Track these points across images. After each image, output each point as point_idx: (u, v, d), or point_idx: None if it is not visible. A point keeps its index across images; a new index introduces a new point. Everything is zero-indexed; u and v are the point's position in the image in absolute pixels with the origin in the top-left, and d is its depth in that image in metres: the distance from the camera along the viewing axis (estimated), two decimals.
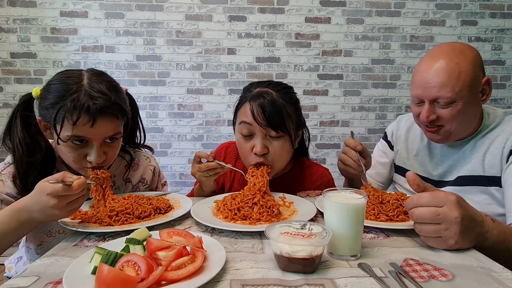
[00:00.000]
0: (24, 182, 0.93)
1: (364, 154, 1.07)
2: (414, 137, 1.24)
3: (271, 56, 2.69)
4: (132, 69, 2.63)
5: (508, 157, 0.98)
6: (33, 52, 2.55)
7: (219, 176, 1.22)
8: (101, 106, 0.88)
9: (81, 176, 0.77)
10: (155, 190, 1.26)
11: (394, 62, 2.74)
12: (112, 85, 0.96)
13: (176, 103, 2.68)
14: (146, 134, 1.24)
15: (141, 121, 1.17)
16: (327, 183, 1.23)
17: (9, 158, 0.97)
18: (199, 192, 1.17)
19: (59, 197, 0.74)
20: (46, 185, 0.74)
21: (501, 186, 0.99)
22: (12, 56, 2.55)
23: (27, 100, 0.96)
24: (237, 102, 1.14)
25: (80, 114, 0.86)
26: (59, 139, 0.89)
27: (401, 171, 1.26)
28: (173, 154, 2.73)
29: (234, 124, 1.17)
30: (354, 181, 1.21)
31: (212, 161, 1.06)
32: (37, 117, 0.95)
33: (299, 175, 1.25)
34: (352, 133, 1.15)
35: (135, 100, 1.13)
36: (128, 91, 1.07)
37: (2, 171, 0.95)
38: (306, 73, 2.72)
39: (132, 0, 2.56)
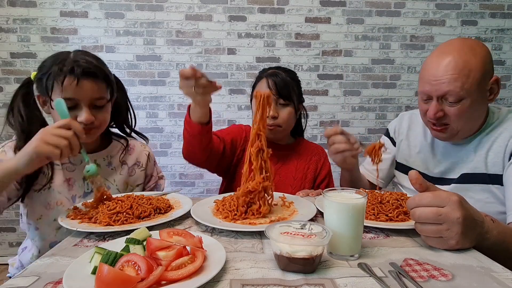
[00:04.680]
0: None
1: (348, 136, 1.07)
2: (416, 134, 1.23)
3: (271, 56, 2.69)
4: (132, 69, 2.63)
5: (510, 156, 0.97)
6: (33, 52, 2.55)
7: (240, 138, 1.38)
8: (83, 67, 0.98)
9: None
10: (151, 178, 1.30)
11: (394, 62, 2.74)
12: (96, 57, 1.06)
13: (176, 103, 2.68)
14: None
15: (130, 104, 1.25)
16: (325, 159, 1.47)
17: (15, 136, 1.07)
18: (194, 111, 1.10)
19: (46, 128, 0.84)
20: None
21: (502, 185, 0.98)
22: (12, 56, 2.55)
23: (26, 83, 1.09)
24: (255, 81, 1.40)
25: (65, 75, 0.97)
26: (51, 103, 0.99)
27: (403, 168, 1.26)
28: (173, 154, 2.73)
29: (251, 100, 1.39)
30: (353, 172, 1.23)
31: (199, 76, 0.98)
32: (36, 95, 1.07)
33: (298, 147, 1.46)
34: (327, 128, 1.22)
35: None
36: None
37: (6, 144, 1.06)
38: (306, 73, 2.72)
39: (132, 0, 2.56)
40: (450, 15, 2.70)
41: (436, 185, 0.74)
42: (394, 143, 1.32)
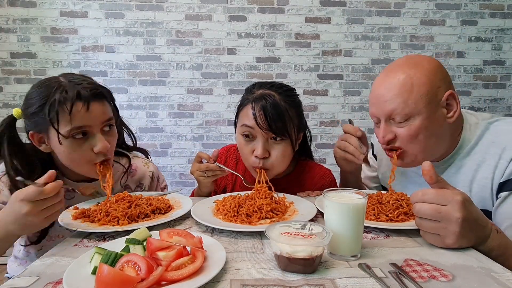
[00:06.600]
0: None
1: (364, 142, 1.03)
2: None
3: (271, 56, 2.69)
4: (132, 69, 2.63)
5: (498, 192, 0.87)
6: (33, 52, 2.55)
7: (221, 179, 1.23)
8: (90, 88, 0.89)
9: (58, 180, 0.74)
10: None
11: None
12: (87, 76, 0.97)
13: (176, 103, 2.68)
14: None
15: (124, 123, 1.15)
16: (330, 184, 1.22)
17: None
18: (198, 194, 1.18)
19: (32, 202, 0.70)
20: (19, 192, 0.71)
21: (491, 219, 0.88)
22: (12, 56, 2.55)
23: (9, 122, 0.93)
24: (239, 103, 1.12)
25: (73, 101, 0.85)
26: (60, 137, 0.86)
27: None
28: (173, 154, 2.73)
29: (235, 124, 1.15)
30: (349, 177, 1.16)
31: (212, 163, 1.06)
32: (29, 133, 0.92)
33: (301, 176, 1.24)
34: (350, 120, 1.11)
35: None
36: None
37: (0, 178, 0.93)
38: (306, 73, 2.72)
39: (132, 0, 2.56)
40: (450, 15, 2.70)
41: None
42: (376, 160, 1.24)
